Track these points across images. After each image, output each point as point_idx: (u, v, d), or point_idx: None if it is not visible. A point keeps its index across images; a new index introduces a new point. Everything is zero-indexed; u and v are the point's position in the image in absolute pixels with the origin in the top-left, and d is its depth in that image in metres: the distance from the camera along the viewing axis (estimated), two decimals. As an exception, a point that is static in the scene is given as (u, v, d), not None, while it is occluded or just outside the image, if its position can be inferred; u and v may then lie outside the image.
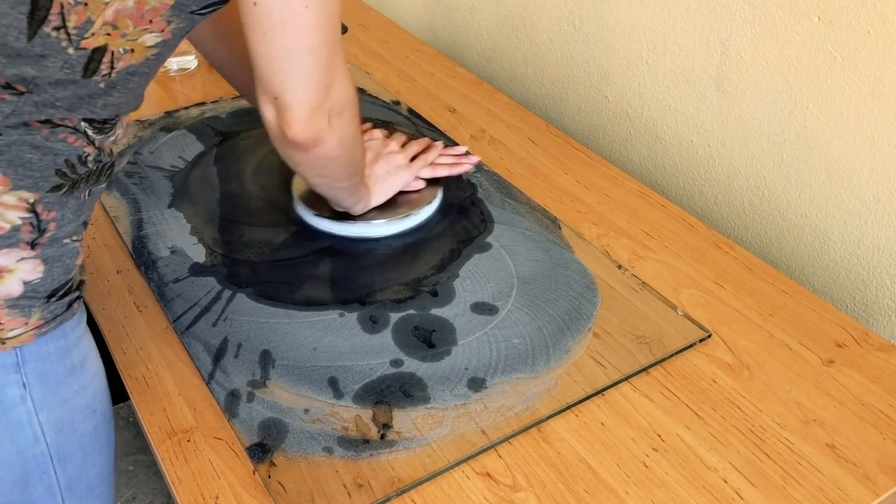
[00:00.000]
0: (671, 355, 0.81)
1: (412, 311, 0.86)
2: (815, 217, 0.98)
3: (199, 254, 0.93)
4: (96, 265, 0.93)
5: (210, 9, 0.61)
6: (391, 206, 0.97)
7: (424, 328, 0.83)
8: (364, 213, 0.96)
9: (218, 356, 0.80)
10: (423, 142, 1.04)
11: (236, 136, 1.15)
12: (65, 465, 0.67)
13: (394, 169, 0.97)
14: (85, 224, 0.62)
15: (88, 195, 0.61)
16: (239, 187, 1.04)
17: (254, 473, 0.70)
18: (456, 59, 1.48)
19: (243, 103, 1.22)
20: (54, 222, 0.58)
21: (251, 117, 1.18)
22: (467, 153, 1.06)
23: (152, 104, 1.23)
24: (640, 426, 0.75)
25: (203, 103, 1.22)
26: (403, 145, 1.02)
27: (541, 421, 0.75)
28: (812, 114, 0.94)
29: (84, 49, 0.53)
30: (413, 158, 1.00)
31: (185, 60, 1.33)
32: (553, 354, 0.81)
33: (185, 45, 1.29)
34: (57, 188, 0.57)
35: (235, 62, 0.89)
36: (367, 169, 0.93)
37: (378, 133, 1.01)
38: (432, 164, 1.01)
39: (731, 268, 0.93)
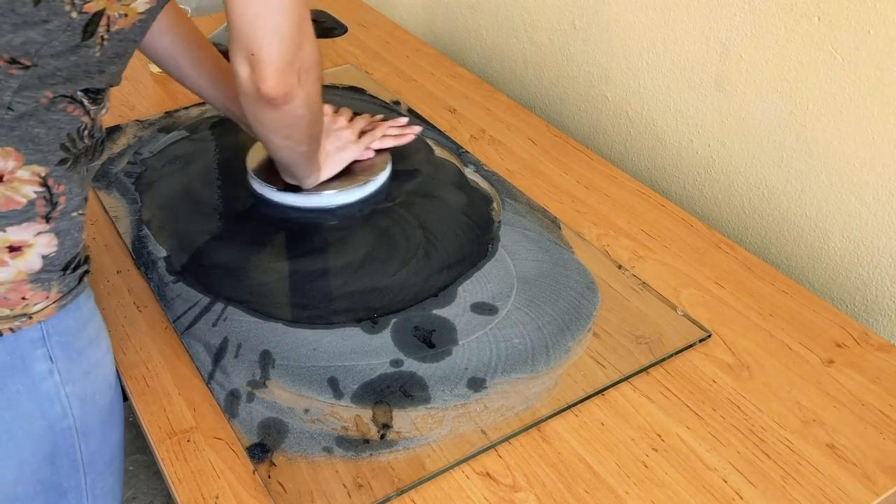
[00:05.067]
0: (671, 355, 0.81)
1: (412, 311, 0.86)
2: (815, 217, 0.98)
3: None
4: (96, 265, 0.92)
5: None
6: (346, 176, 1.01)
7: (424, 328, 0.83)
8: (318, 187, 0.99)
9: (218, 356, 0.80)
10: (367, 117, 1.08)
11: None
12: (87, 439, 0.68)
13: (343, 144, 1.01)
14: (85, 199, 0.65)
15: (87, 171, 0.64)
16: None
17: (254, 473, 0.70)
18: (456, 59, 1.48)
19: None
20: (64, 196, 0.61)
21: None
22: (409, 123, 1.11)
23: (152, 104, 1.23)
24: (639, 426, 0.75)
25: (203, 103, 1.22)
26: (350, 120, 1.05)
27: (541, 421, 0.75)
28: (812, 114, 0.94)
29: (86, 13, 0.56)
30: (361, 134, 1.04)
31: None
32: (553, 354, 0.81)
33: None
34: (63, 162, 0.60)
35: (194, 67, 0.92)
36: None
37: (327, 108, 1.03)
38: (380, 137, 1.06)
39: (731, 268, 0.93)
